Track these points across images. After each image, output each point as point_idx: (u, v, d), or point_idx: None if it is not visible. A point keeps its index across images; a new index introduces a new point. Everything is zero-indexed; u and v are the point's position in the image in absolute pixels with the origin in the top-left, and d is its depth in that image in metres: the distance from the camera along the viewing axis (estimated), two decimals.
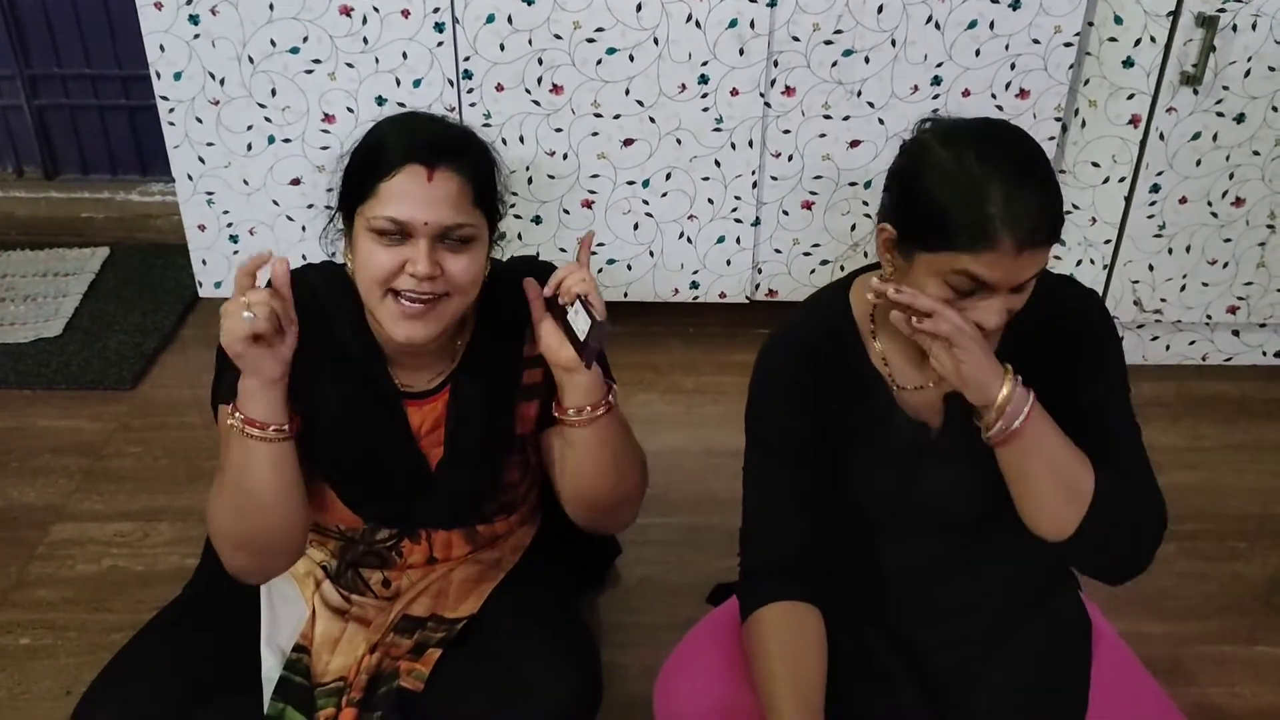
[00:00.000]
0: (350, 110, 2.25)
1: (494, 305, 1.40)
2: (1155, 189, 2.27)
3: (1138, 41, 2.15)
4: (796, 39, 2.18)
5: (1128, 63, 2.18)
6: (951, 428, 1.28)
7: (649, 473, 1.48)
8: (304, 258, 1.40)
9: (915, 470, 1.29)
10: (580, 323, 1.26)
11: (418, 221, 1.24)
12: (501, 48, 2.18)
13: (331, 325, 1.35)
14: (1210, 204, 2.29)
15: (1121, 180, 2.28)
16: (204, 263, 2.44)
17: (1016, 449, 1.20)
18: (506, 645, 1.40)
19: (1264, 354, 2.53)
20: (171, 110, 2.26)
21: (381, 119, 1.33)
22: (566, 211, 2.36)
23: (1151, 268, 2.36)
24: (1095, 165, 2.28)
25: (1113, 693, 1.32)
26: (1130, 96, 2.20)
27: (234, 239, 2.40)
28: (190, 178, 2.34)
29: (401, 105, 2.23)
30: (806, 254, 2.43)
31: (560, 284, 1.31)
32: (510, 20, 2.16)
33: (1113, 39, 2.17)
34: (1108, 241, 2.35)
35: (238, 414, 1.26)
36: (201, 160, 2.31)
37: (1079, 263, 2.39)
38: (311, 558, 1.49)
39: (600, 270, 2.43)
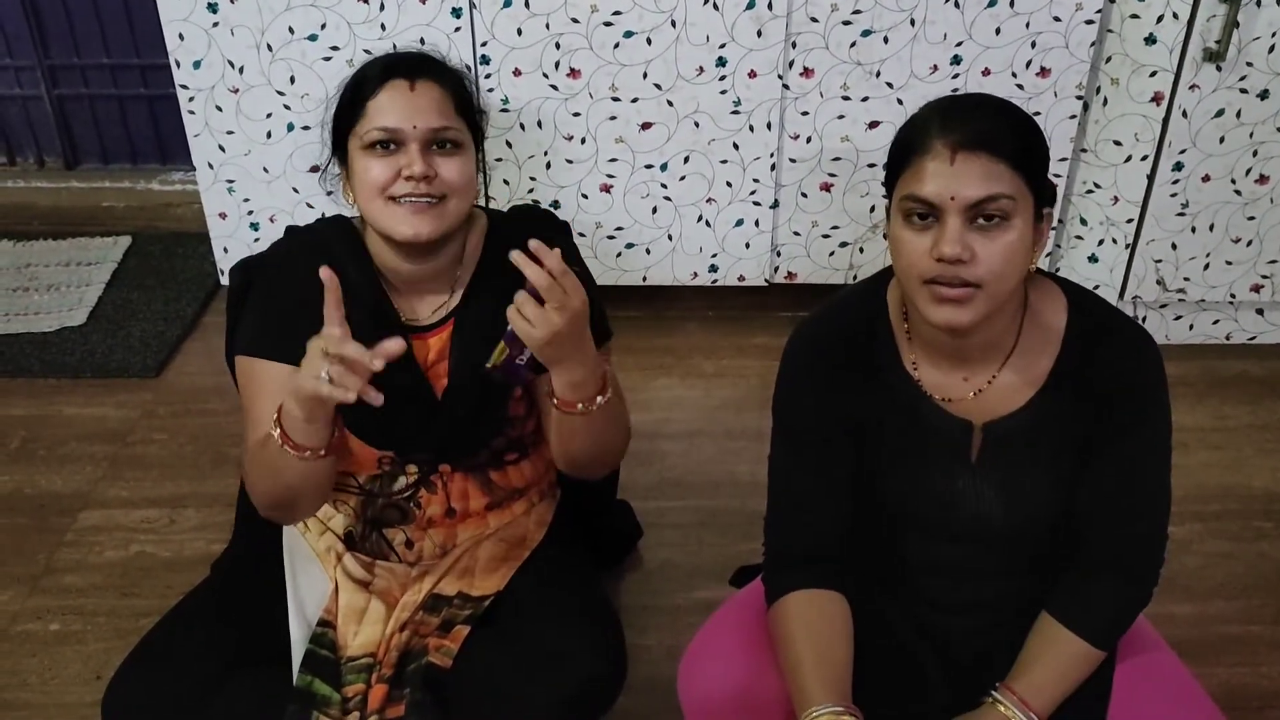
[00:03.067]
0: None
1: (497, 246, 1.43)
2: (1178, 167, 2.25)
3: (1160, 18, 2.13)
4: (815, 20, 2.17)
5: (1150, 40, 2.15)
6: (988, 454, 1.27)
7: (674, 460, 1.48)
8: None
9: (949, 482, 1.28)
10: (501, 352, 1.26)
11: (407, 127, 1.31)
12: (519, 32, 2.18)
13: (340, 267, 1.36)
14: (1234, 181, 2.27)
15: (1144, 159, 2.26)
16: (225, 250, 2.45)
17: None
18: (533, 622, 1.42)
19: None
20: (191, 99, 2.27)
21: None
22: (585, 196, 2.36)
23: (1174, 246, 2.35)
24: (1117, 144, 2.26)
25: (1137, 673, 1.31)
26: (1153, 74, 2.18)
27: (254, 226, 2.42)
28: (210, 166, 2.35)
29: None
30: (825, 236, 2.42)
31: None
32: (527, 4, 2.15)
33: (1135, 15, 2.15)
34: (1130, 220, 2.33)
35: (279, 428, 1.26)
36: (222, 149, 2.32)
37: (1101, 242, 2.37)
38: (333, 529, 1.51)
39: (619, 255, 2.43)
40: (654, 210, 2.38)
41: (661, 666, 1.60)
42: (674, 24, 2.17)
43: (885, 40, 2.18)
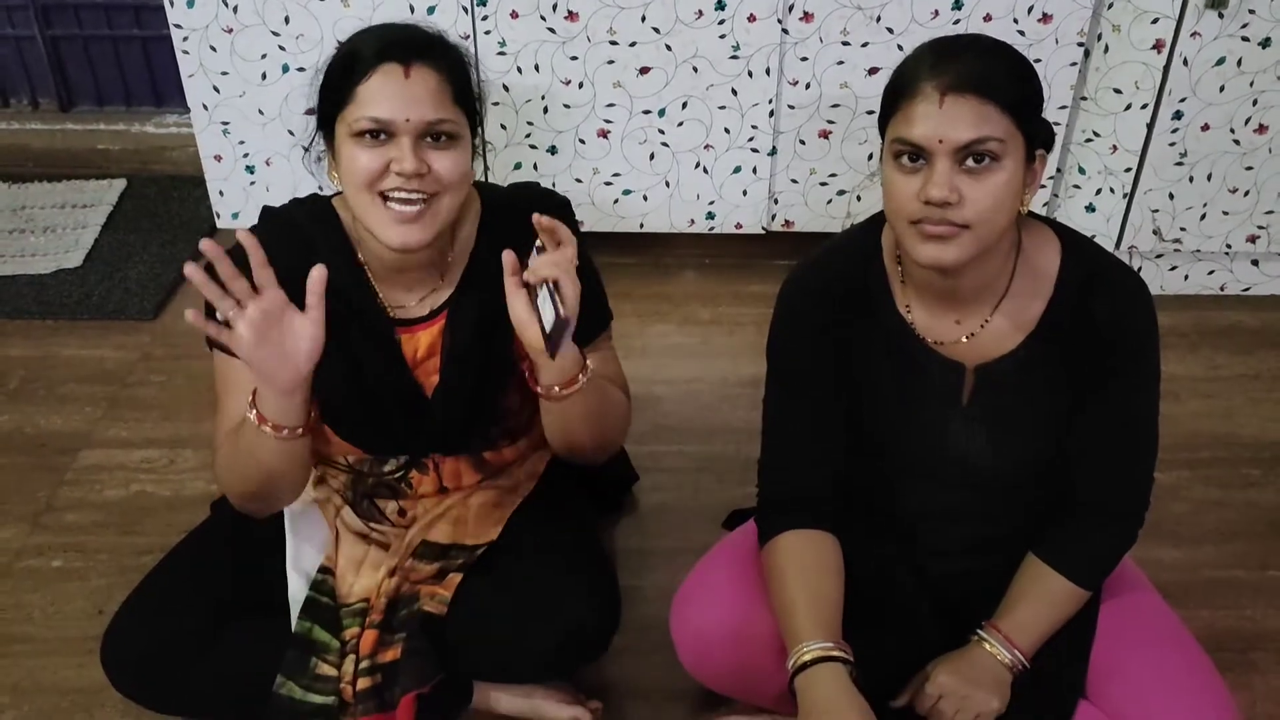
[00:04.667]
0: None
1: (492, 232, 1.38)
2: (1178, 115, 2.24)
3: None
4: None
5: None
6: (980, 398, 1.28)
7: (670, 406, 1.47)
8: (320, 189, 1.41)
9: (939, 425, 1.29)
10: (546, 312, 1.19)
11: (399, 119, 1.22)
12: None
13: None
14: (1233, 131, 2.26)
15: (1144, 107, 2.25)
16: (221, 193, 2.45)
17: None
18: (526, 569, 1.42)
19: None
20: (185, 39, 2.25)
21: (353, 32, 1.31)
22: (582, 141, 2.35)
23: (1172, 196, 2.34)
24: (1117, 92, 2.25)
25: (1122, 613, 1.33)
26: (1154, 21, 2.16)
27: (250, 169, 2.41)
28: (205, 108, 2.33)
29: None
30: (823, 184, 2.41)
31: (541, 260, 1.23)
32: None
33: None
34: (1128, 170, 2.33)
35: (254, 409, 1.24)
36: (216, 90, 2.31)
37: (1099, 191, 2.37)
38: (330, 485, 1.52)
39: (616, 201, 2.43)
40: (651, 156, 2.37)
41: (656, 608, 1.62)
42: None
43: None
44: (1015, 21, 2.19)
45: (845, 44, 2.22)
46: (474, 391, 1.41)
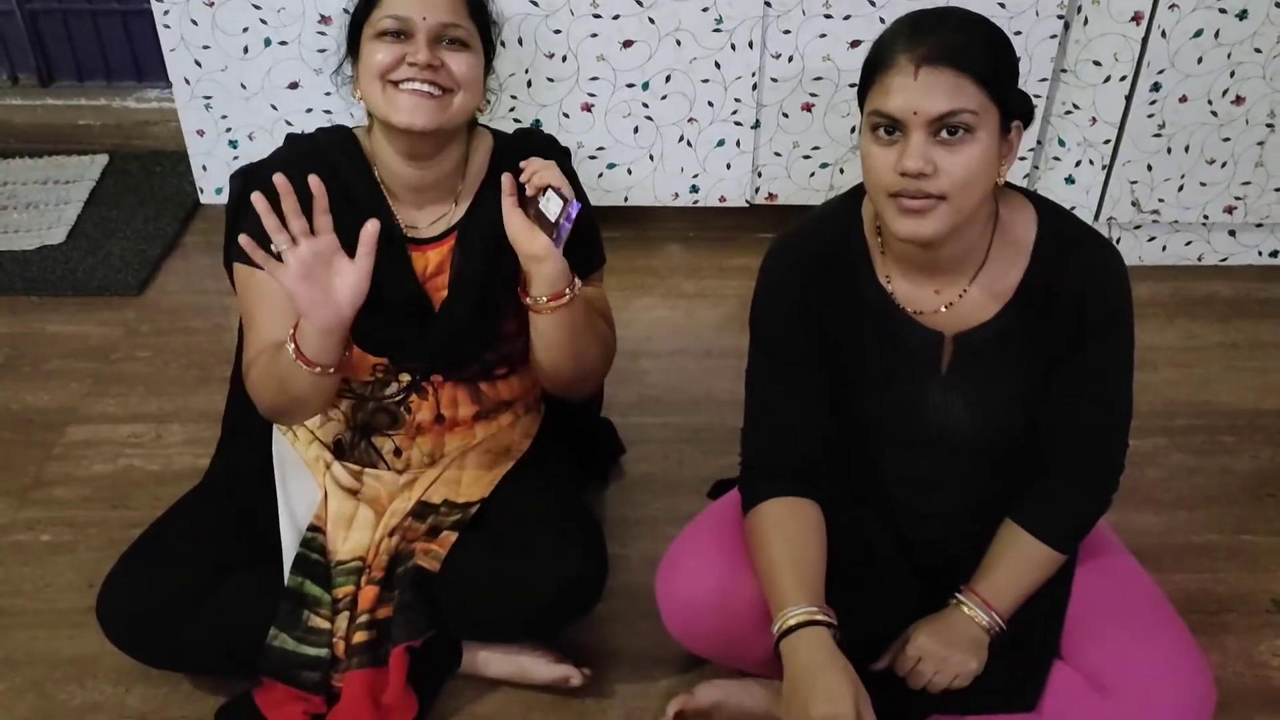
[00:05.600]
0: (347, 11, 2.22)
1: (502, 164, 1.46)
2: (1156, 88, 2.26)
3: None
4: None
5: None
6: (958, 366, 1.30)
7: (654, 379, 1.51)
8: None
9: (919, 393, 1.31)
10: (552, 207, 1.34)
11: (416, 16, 1.34)
12: None
13: (340, 175, 1.41)
14: (1210, 103, 2.28)
15: (1123, 79, 2.27)
16: (204, 169, 2.44)
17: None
18: (517, 527, 1.46)
19: (1260, 254, 2.55)
20: (166, 13, 2.24)
21: None
22: (566, 115, 2.36)
23: (1150, 168, 2.37)
24: (1097, 64, 2.27)
25: (1097, 576, 1.36)
26: None
27: (233, 144, 2.40)
28: (187, 82, 2.32)
29: None
30: (806, 157, 2.43)
31: (532, 177, 1.36)
32: None
33: None
34: (1107, 141, 2.35)
35: (294, 344, 1.31)
36: (198, 64, 2.30)
37: (1078, 163, 2.39)
38: (322, 438, 1.54)
39: (600, 175, 2.43)
40: (635, 130, 2.38)
41: (640, 575, 1.65)
42: None
43: None
44: None
45: (828, 17, 2.23)
46: (477, 306, 1.47)
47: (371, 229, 1.28)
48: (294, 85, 2.32)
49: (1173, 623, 1.32)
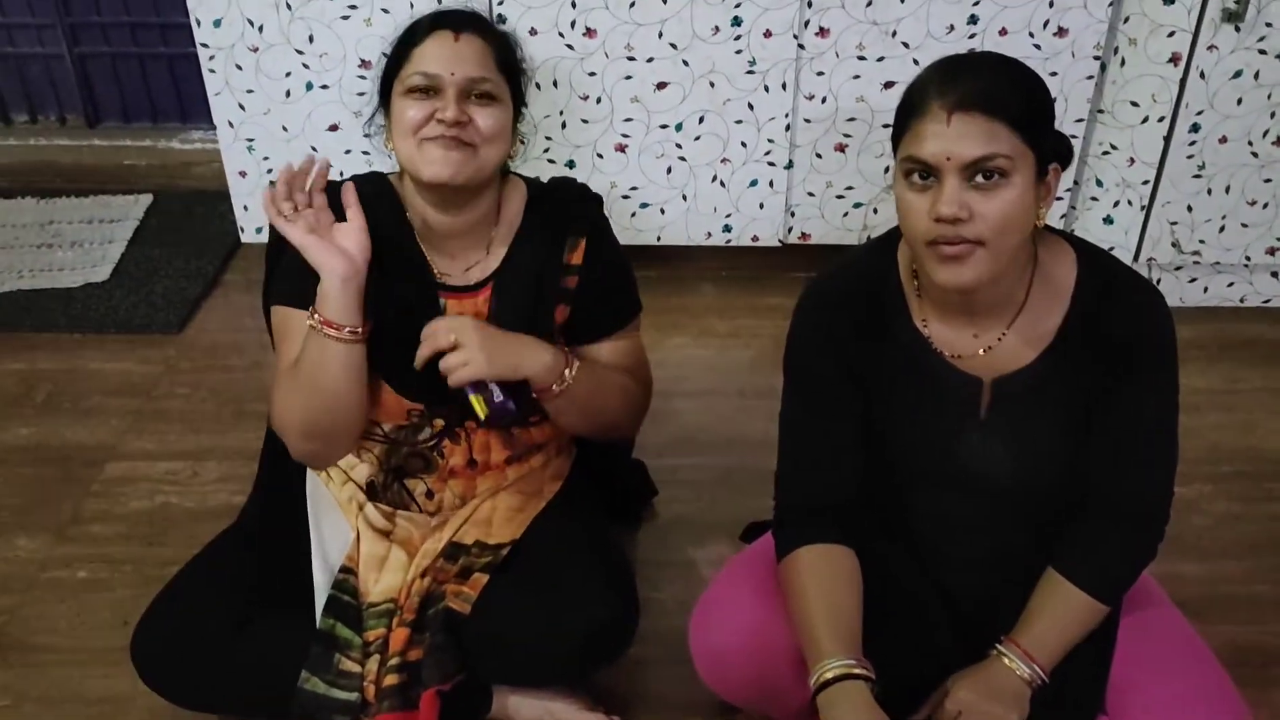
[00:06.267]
0: (386, 56, 2.26)
1: (537, 215, 1.48)
2: (1195, 128, 2.24)
3: None
4: None
5: None
6: (997, 409, 1.28)
7: (687, 419, 1.52)
8: None
9: (956, 436, 1.29)
10: (480, 404, 1.39)
11: (445, 73, 1.36)
12: None
13: (374, 221, 1.43)
14: (1251, 143, 2.26)
15: (1161, 120, 2.25)
16: (245, 209, 2.48)
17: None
18: (548, 570, 1.45)
19: None
20: (211, 58, 2.29)
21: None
22: (600, 156, 2.37)
23: (1190, 209, 2.34)
24: (1134, 105, 2.25)
25: (1141, 629, 1.33)
26: (1171, 34, 2.16)
27: (274, 185, 2.43)
28: (231, 125, 2.36)
29: None
30: (840, 197, 2.42)
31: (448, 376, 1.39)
32: None
33: None
34: (1146, 182, 2.33)
35: (316, 315, 1.36)
36: (242, 107, 2.34)
37: (1116, 203, 2.37)
38: (355, 479, 1.54)
39: (633, 215, 2.44)
40: (669, 170, 2.39)
41: (673, 619, 1.63)
42: None
43: (901, 0, 2.17)
44: (1031, 35, 2.20)
45: (861, 58, 2.23)
46: None
47: (350, 187, 1.39)
48: (334, 128, 2.35)
49: (1218, 678, 1.28)
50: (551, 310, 1.41)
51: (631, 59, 2.25)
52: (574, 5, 2.19)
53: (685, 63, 2.25)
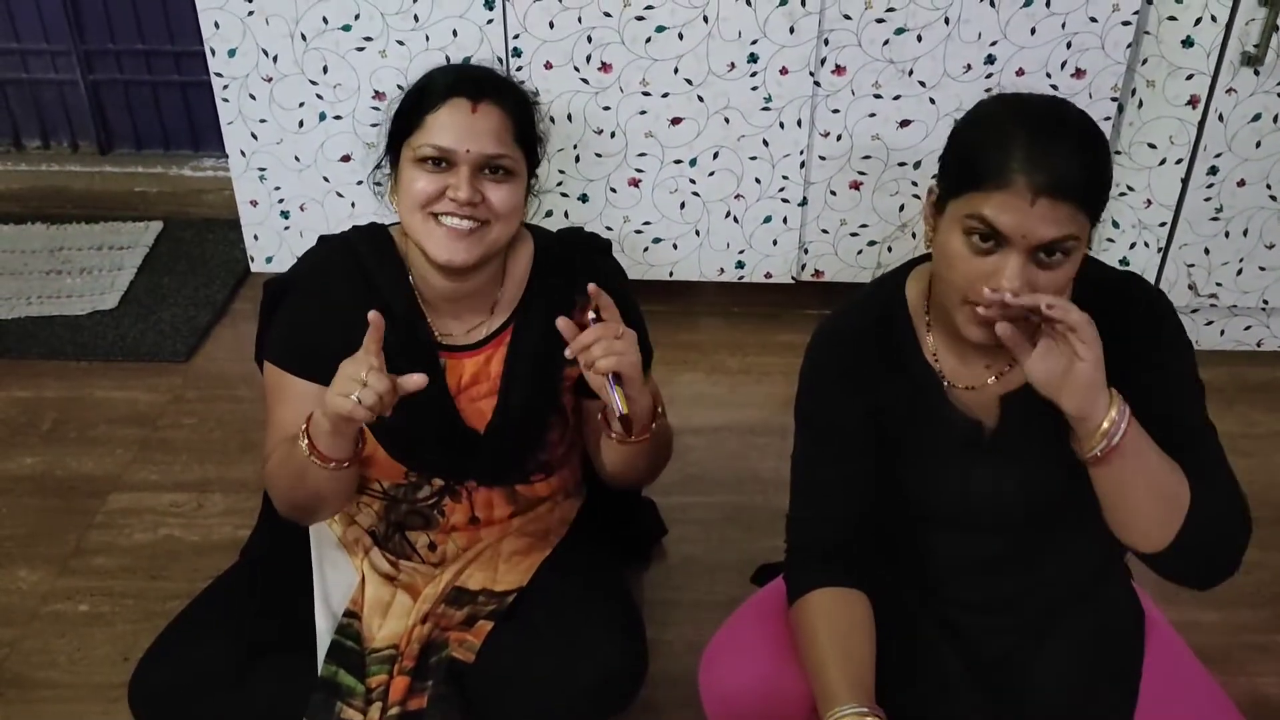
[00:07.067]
0: (400, 88, 2.23)
1: (547, 271, 1.44)
2: (1213, 171, 2.23)
3: (1198, 20, 2.11)
4: (848, 17, 2.16)
5: (1187, 42, 2.14)
6: (1006, 430, 1.27)
7: (697, 456, 1.51)
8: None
9: (967, 470, 1.28)
10: (614, 403, 1.28)
11: (460, 149, 1.30)
12: (551, 25, 2.18)
13: (373, 282, 1.40)
14: (1269, 187, 2.24)
15: (1179, 162, 2.24)
16: (256, 238, 2.47)
17: (1115, 465, 1.15)
18: (555, 617, 1.43)
19: None
20: (225, 87, 2.29)
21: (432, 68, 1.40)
22: (614, 190, 2.37)
23: (1207, 251, 2.33)
24: (1152, 146, 2.24)
25: (1164, 682, 1.31)
26: (1189, 77, 2.16)
27: (285, 214, 2.43)
28: (243, 154, 2.36)
29: None
30: (854, 234, 2.41)
31: (590, 347, 1.28)
32: None
33: (1172, 18, 2.13)
34: (1163, 224, 2.31)
35: (307, 438, 1.29)
36: (254, 136, 2.34)
37: (1133, 245, 2.35)
38: (359, 524, 1.52)
39: (646, 249, 2.43)
40: (682, 205, 2.38)
41: (683, 661, 1.60)
42: (706, 19, 2.16)
43: (919, 39, 2.17)
44: (1048, 76, 2.19)
45: (877, 96, 2.23)
46: (523, 420, 1.45)
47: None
48: (346, 158, 2.35)
49: None
50: (561, 371, 1.37)
51: (647, 94, 2.25)
52: (590, 40, 2.19)
53: (700, 98, 2.25)
